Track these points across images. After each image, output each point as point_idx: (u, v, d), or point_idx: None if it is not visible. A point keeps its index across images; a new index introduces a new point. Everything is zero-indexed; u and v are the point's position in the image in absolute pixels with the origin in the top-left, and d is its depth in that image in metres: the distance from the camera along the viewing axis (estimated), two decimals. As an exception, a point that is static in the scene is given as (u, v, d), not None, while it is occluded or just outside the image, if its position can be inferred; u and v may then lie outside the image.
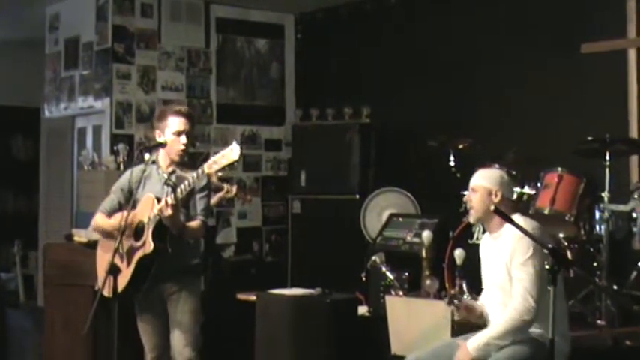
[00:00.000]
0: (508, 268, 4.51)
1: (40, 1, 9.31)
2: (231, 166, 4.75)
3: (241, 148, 4.69)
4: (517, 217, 4.60)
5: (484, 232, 6.41)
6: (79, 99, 9.10)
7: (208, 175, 4.97)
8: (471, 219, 4.79)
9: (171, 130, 5.06)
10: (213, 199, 6.80)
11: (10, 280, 10.49)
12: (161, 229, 4.87)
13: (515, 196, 6.30)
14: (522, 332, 4.45)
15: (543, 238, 4.40)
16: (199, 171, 4.79)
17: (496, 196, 4.65)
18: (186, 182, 4.85)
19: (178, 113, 5.10)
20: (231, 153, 4.67)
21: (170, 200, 4.78)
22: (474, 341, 4.49)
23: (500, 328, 4.46)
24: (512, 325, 4.43)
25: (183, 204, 4.99)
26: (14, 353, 7.91)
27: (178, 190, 4.83)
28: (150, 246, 4.86)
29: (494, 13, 7.96)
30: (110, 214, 5.16)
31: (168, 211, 4.77)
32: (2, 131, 11.88)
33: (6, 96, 11.28)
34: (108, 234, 5.13)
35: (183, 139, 5.06)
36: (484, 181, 4.71)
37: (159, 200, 4.88)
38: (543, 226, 4.62)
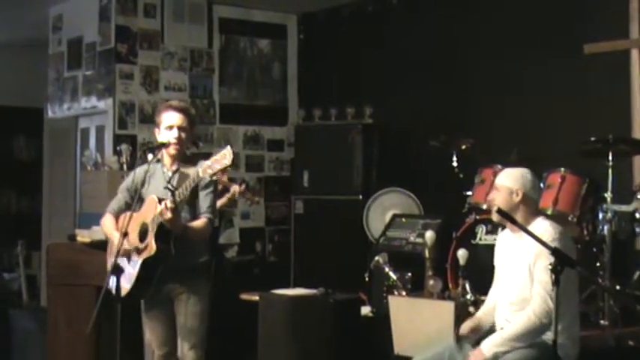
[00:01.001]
0: (530, 268, 4.49)
1: (42, 1, 9.32)
2: (224, 170, 4.76)
3: (234, 152, 4.68)
4: (542, 220, 4.62)
5: (487, 232, 6.47)
6: (82, 99, 9.11)
7: (201, 180, 4.95)
8: (494, 217, 4.78)
9: (164, 125, 5.09)
10: (222, 200, 6.80)
11: (13, 280, 10.51)
12: (164, 230, 4.88)
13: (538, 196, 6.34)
14: (539, 335, 4.44)
15: (565, 243, 4.40)
16: (194, 175, 4.79)
17: (517, 195, 4.66)
18: (184, 185, 4.85)
19: (170, 108, 5.14)
20: (224, 158, 4.65)
21: (169, 203, 4.78)
22: (490, 341, 4.48)
23: (517, 329, 4.45)
24: (530, 327, 4.42)
25: (188, 202, 4.99)
26: (17, 353, 7.92)
27: (177, 192, 4.83)
28: (153, 249, 4.87)
29: (497, 12, 7.96)
30: (118, 214, 5.17)
31: (168, 214, 4.77)
32: (5, 132, 11.88)
33: (9, 96, 11.28)
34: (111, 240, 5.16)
35: (174, 132, 5.06)
36: (506, 180, 4.73)
37: (160, 201, 4.89)
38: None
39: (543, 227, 4.52)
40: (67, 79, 9.37)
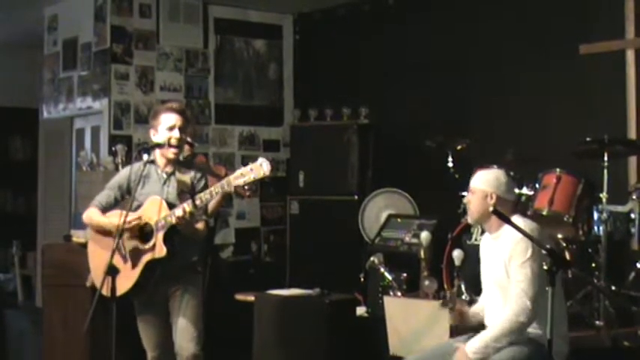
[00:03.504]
0: (507, 268, 4.51)
1: (38, 2, 9.31)
2: (260, 180, 4.74)
3: (271, 163, 4.69)
4: (516, 218, 4.60)
5: (482, 232, 6.46)
6: (77, 100, 9.10)
7: (234, 188, 4.91)
8: (470, 220, 4.83)
9: (164, 126, 5.09)
10: (217, 198, 6.80)
11: (8, 280, 10.52)
12: (171, 233, 4.89)
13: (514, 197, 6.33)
14: (519, 334, 4.44)
15: (542, 240, 4.40)
16: (224, 182, 4.78)
17: (491, 198, 4.66)
18: (207, 192, 4.84)
19: (170, 109, 5.15)
20: (261, 168, 4.66)
21: (188, 208, 4.79)
22: (473, 344, 4.48)
23: (496, 330, 4.46)
24: (508, 327, 4.42)
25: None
26: (13, 354, 7.92)
27: (198, 198, 4.83)
28: (162, 250, 4.87)
29: (494, 13, 7.97)
30: (105, 209, 5.15)
31: (187, 218, 4.81)
32: (1, 132, 11.87)
33: (4, 97, 11.28)
34: (104, 231, 5.13)
35: (176, 132, 5.08)
36: (480, 184, 4.74)
37: (169, 205, 4.90)
38: (542, 227, 4.62)
39: None
40: (63, 79, 9.36)
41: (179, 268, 5.07)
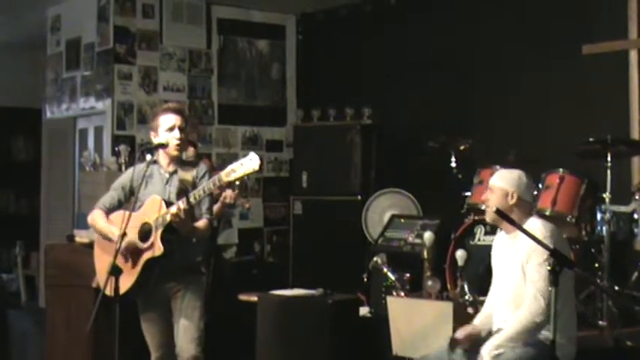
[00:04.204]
0: (524, 268, 4.51)
1: (41, 2, 9.32)
2: (249, 175, 4.78)
3: (260, 158, 4.73)
4: (534, 219, 4.62)
5: (486, 233, 6.46)
6: (80, 100, 9.10)
7: (225, 183, 4.95)
8: (487, 218, 4.79)
9: (164, 128, 5.10)
10: (217, 205, 6.81)
11: (11, 281, 10.52)
12: (169, 231, 4.89)
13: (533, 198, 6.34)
14: (534, 333, 4.44)
15: (560, 242, 4.39)
16: (215, 179, 4.80)
17: (512, 197, 4.65)
18: (200, 189, 4.86)
19: (167, 110, 5.17)
20: (251, 162, 4.69)
21: (182, 205, 4.80)
22: (488, 346, 4.47)
23: (511, 330, 4.46)
24: (523, 327, 4.42)
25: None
26: (16, 354, 7.93)
27: (191, 196, 4.85)
28: (159, 249, 4.88)
29: (496, 13, 7.96)
30: (109, 210, 5.18)
31: (182, 216, 4.80)
32: (4, 132, 11.87)
33: (7, 97, 11.28)
34: (106, 235, 5.15)
35: (176, 133, 5.09)
36: (502, 182, 4.72)
37: (167, 203, 4.90)
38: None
39: (535, 226, 4.52)
40: (66, 79, 9.37)
41: (180, 268, 5.07)
